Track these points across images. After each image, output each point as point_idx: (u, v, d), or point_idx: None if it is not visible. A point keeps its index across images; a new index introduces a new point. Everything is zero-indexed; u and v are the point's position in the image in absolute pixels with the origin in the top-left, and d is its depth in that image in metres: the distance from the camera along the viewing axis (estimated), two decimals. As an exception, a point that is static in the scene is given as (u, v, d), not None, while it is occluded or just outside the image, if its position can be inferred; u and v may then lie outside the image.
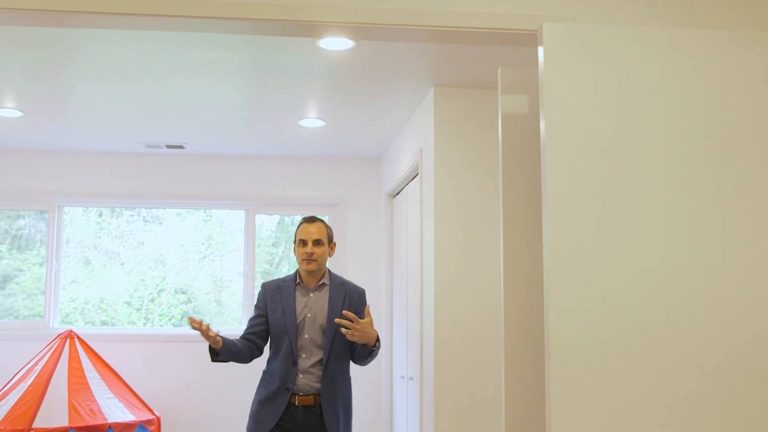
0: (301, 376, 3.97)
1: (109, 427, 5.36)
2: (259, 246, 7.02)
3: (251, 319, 4.16)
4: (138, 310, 6.95)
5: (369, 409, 6.78)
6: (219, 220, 7.07)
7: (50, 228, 6.79)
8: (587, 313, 2.13)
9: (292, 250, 4.21)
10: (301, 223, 4.12)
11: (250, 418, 4.07)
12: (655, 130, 2.24)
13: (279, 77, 4.65)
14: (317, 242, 4.05)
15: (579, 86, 2.25)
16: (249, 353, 4.07)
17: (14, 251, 6.83)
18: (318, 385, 3.97)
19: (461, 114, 4.87)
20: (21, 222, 6.86)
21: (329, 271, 4.15)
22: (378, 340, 3.96)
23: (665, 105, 2.26)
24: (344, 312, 3.87)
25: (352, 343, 3.99)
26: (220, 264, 7.02)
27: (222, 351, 3.92)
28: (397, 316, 6.26)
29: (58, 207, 6.82)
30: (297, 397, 3.97)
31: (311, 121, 5.67)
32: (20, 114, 5.51)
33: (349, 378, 4.11)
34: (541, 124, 2.25)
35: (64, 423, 5.26)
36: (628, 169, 2.21)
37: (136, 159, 6.82)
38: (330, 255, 4.14)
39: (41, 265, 6.79)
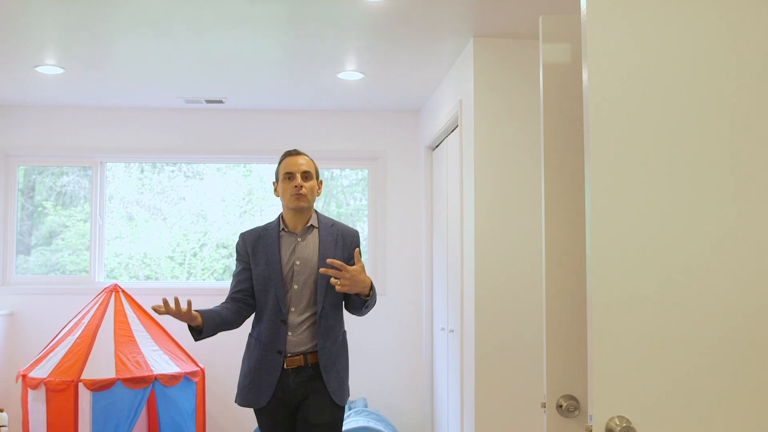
0: (290, 334, 3.50)
1: (155, 378, 5.47)
2: (299, 200, 7.03)
3: (236, 275, 3.65)
4: (181, 264, 7.04)
5: (409, 360, 6.82)
6: (259, 174, 7.10)
7: (93, 184, 6.88)
8: (632, 266, 2.10)
9: (273, 191, 3.66)
10: (284, 158, 3.60)
11: (239, 390, 3.56)
12: (704, 80, 2.18)
13: (317, 30, 4.62)
14: (306, 175, 3.55)
15: (623, 33, 2.20)
16: (238, 316, 3.56)
17: (59, 207, 6.94)
18: (310, 344, 3.51)
19: (501, 64, 4.80)
20: (65, 179, 6.95)
21: (317, 212, 3.66)
22: (372, 288, 3.47)
23: (717, 54, 2.20)
24: (329, 260, 3.33)
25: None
26: (261, 218, 7.06)
27: (205, 327, 3.38)
28: (437, 269, 6.26)
29: (101, 163, 6.90)
30: (286, 359, 3.49)
31: (350, 74, 5.64)
32: (62, 71, 5.55)
33: (345, 332, 3.66)
34: (583, 74, 2.20)
35: (111, 375, 5.37)
36: (675, 120, 2.16)
37: (175, 114, 6.85)
38: (318, 194, 3.63)
39: (86, 221, 6.89)
